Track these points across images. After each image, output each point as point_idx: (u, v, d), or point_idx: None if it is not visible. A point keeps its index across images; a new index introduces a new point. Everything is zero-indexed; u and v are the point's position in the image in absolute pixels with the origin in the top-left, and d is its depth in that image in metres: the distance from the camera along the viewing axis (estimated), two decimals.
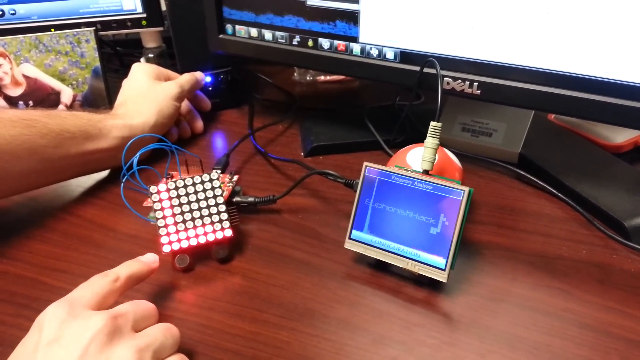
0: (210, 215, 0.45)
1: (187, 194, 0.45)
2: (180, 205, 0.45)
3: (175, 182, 0.46)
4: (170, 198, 0.45)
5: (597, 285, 0.42)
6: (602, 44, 0.44)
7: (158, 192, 0.45)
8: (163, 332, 0.35)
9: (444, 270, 0.40)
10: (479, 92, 0.51)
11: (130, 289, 0.39)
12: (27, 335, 0.33)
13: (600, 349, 0.37)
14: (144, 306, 0.36)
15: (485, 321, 0.39)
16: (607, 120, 0.47)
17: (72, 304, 0.34)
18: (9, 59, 0.68)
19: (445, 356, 0.37)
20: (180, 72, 0.67)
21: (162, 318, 0.38)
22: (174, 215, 0.45)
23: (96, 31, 0.70)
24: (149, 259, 0.41)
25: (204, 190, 0.46)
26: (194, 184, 0.46)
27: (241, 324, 0.40)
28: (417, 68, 0.53)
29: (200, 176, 0.46)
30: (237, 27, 0.63)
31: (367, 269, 0.45)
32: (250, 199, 0.51)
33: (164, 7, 0.76)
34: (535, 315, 0.40)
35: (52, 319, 0.32)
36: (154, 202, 0.45)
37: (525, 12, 0.46)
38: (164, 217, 0.45)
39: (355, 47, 0.57)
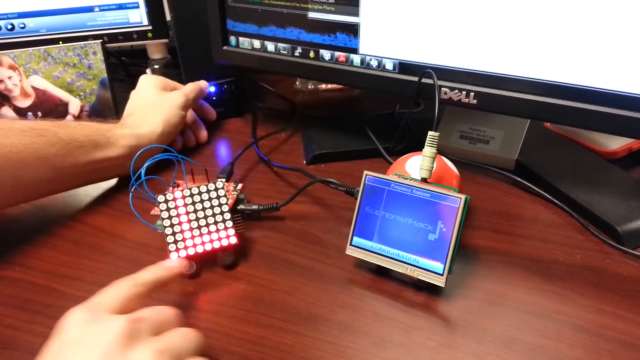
0: (215, 222, 0.47)
1: (193, 203, 0.47)
2: (187, 213, 0.47)
3: (181, 191, 0.47)
4: (177, 207, 0.46)
5: (591, 289, 0.44)
6: (594, 55, 0.46)
7: (165, 201, 0.46)
8: (183, 336, 0.35)
9: (442, 275, 0.42)
10: (475, 101, 0.52)
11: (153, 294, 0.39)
12: (50, 341, 0.34)
13: (593, 350, 0.38)
14: (165, 311, 0.37)
15: (482, 324, 0.41)
16: (600, 128, 0.49)
17: (93, 309, 0.35)
18: (19, 71, 0.70)
19: (443, 358, 0.38)
20: (185, 82, 0.69)
21: None
22: (180, 223, 0.46)
23: (103, 43, 0.72)
24: (171, 264, 0.42)
25: (210, 199, 0.47)
26: (199, 193, 0.47)
27: (247, 328, 0.41)
28: (416, 78, 0.54)
29: (206, 185, 0.48)
30: (241, 39, 0.65)
31: (368, 274, 0.46)
32: (254, 207, 0.52)
33: (169, 19, 0.78)
34: (530, 318, 0.41)
35: (73, 324, 0.33)
36: (161, 210, 0.46)
37: (520, 25, 0.48)
38: (171, 225, 0.46)
39: (356, 58, 0.58)
